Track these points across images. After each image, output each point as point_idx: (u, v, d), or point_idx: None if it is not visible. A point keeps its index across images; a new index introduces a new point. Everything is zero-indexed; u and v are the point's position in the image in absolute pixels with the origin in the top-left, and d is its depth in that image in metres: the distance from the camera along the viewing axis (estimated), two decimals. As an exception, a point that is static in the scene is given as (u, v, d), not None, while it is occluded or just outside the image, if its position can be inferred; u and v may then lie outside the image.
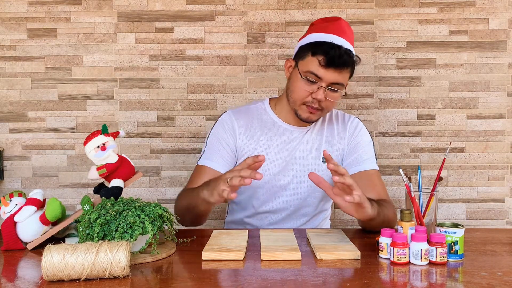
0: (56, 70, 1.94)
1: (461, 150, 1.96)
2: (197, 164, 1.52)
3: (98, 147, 1.17)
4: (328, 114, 1.56)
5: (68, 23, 1.93)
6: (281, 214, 1.54)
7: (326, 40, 1.37)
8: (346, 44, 1.38)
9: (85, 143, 1.18)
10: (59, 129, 1.95)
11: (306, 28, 1.92)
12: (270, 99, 1.59)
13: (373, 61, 1.95)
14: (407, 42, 1.94)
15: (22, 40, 1.93)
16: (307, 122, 1.47)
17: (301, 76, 1.40)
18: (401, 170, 1.25)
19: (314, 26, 1.47)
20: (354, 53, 1.40)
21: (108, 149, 1.17)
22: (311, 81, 1.38)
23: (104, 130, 1.18)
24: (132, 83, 1.95)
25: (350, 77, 1.44)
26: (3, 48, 1.93)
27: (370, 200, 1.23)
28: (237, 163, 1.51)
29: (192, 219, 1.39)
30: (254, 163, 1.13)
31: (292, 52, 1.92)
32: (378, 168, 1.52)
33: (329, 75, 1.36)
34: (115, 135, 1.20)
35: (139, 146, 1.96)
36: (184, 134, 1.96)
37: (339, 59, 1.34)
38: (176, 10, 1.94)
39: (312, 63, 1.38)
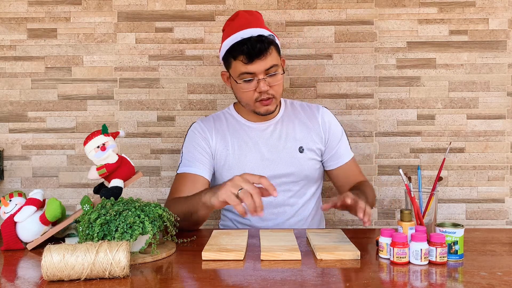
0: (56, 70, 1.94)
1: (461, 150, 1.96)
2: (177, 173, 1.52)
3: (98, 147, 1.17)
4: (289, 105, 1.63)
5: (68, 23, 1.93)
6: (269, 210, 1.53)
7: (237, 40, 1.43)
8: (255, 32, 1.43)
9: (85, 143, 1.18)
10: (59, 129, 1.95)
11: (306, 28, 1.93)
12: (234, 103, 1.65)
13: (373, 61, 1.94)
14: (407, 42, 1.94)
15: (22, 40, 1.93)
16: (268, 114, 1.52)
17: (238, 82, 1.47)
18: (401, 170, 1.25)
19: (224, 32, 1.52)
20: (266, 34, 1.44)
21: (108, 149, 1.17)
22: (248, 80, 1.45)
23: (104, 130, 1.18)
24: (132, 83, 1.95)
25: (279, 53, 1.51)
26: (3, 48, 1.93)
27: (356, 193, 1.33)
28: (214, 166, 1.56)
29: (187, 226, 1.34)
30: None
31: (292, 52, 1.93)
32: (353, 154, 1.64)
33: (258, 66, 1.42)
34: (115, 135, 1.21)
35: (139, 146, 1.96)
36: (184, 134, 1.96)
37: (254, 50, 1.40)
38: (176, 10, 1.94)
39: (238, 66, 1.45)
